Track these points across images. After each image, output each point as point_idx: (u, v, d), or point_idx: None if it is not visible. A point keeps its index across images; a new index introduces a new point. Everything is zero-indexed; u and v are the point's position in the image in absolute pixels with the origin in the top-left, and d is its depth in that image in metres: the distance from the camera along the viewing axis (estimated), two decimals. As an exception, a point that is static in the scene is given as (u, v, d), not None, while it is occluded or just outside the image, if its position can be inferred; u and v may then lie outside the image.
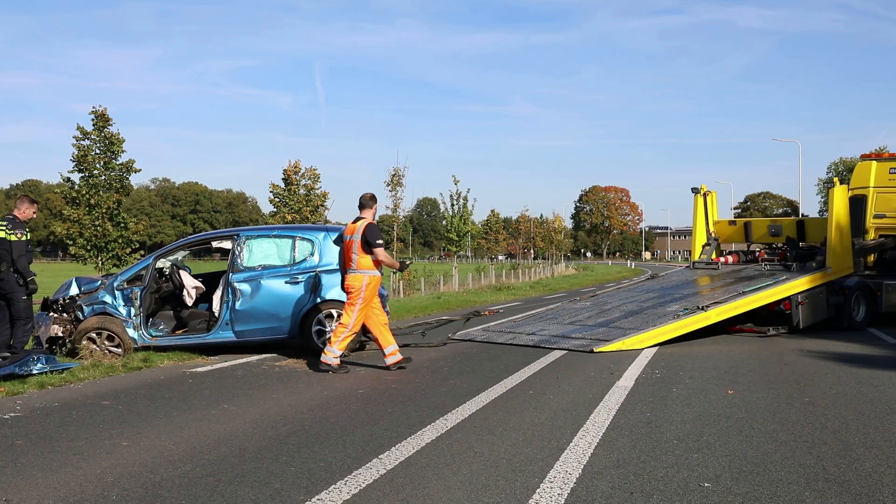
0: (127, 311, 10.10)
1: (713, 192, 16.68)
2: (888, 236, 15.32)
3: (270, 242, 10.52)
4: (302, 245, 10.46)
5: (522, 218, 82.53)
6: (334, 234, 10.54)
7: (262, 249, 10.44)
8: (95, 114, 22.41)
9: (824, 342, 11.93)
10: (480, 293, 30.85)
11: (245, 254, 10.37)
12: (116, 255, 22.60)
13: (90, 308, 10.07)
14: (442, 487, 4.50)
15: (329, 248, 10.38)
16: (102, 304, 10.09)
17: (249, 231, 10.79)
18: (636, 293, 14.69)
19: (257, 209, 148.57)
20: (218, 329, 10.20)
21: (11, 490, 4.47)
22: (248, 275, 10.22)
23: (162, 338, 10.28)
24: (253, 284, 10.18)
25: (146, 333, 10.16)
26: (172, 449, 5.38)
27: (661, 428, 5.98)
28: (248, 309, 10.12)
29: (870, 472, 4.79)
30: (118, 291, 10.14)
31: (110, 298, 10.12)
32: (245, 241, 10.46)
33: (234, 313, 10.11)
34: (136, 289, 10.18)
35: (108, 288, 10.17)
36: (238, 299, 10.12)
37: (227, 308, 10.15)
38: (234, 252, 10.39)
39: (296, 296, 10.18)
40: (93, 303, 10.09)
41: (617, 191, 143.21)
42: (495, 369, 9.07)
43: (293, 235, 10.62)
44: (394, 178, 28.81)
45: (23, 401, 7.20)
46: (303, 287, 10.19)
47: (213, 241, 11.19)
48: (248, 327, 10.16)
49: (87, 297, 10.13)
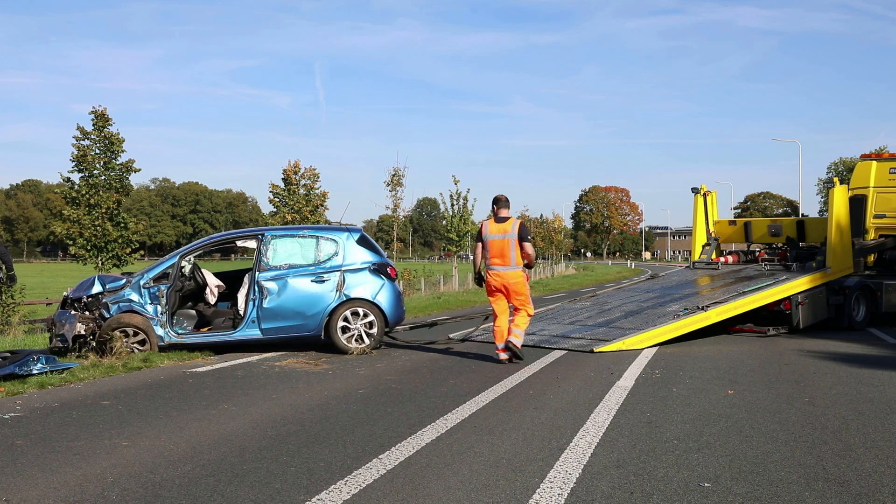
0: (153, 309, 10.17)
1: (713, 192, 16.67)
2: (888, 236, 15.32)
3: (295, 242, 10.78)
4: (326, 245, 10.78)
5: (522, 218, 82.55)
6: (356, 235, 11.05)
7: (287, 249, 10.68)
8: (95, 114, 22.44)
9: (824, 342, 11.93)
10: (480, 293, 30.81)
11: (271, 253, 10.59)
12: (116, 254, 22.64)
13: (116, 306, 10.11)
14: (442, 487, 4.50)
15: (352, 249, 10.82)
16: (128, 302, 10.14)
17: (274, 231, 11.01)
18: (636, 293, 14.68)
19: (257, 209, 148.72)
20: (244, 327, 10.39)
21: (11, 490, 4.47)
22: (274, 273, 10.47)
23: (187, 335, 10.39)
24: (280, 283, 10.44)
25: (172, 331, 10.26)
26: (172, 449, 5.38)
27: (661, 428, 5.98)
28: (276, 307, 10.37)
29: (870, 472, 4.79)
30: (144, 289, 10.20)
31: (137, 296, 10.17)
32: (270, 240, 10.67)
33: (261, 311, 10.34)
34: (163, 287, 10.25)
35: (133, 286, 10.21)
36: (266, 297, 10.36)
37: (254, 306, 10.36)
38: (259, 251, 10.59)
39: (322, 294, 10.48)
40: (118, 301, 10.12)
41: (617, 191, 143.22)
42: (495, 369, 9.07)
43: (317, 235, 10.93)
44: (394, 178, 28.85)
45: (23, 401, 7.20)
46: (328, 286, 10.52)
47: (238, 241, 11.33)
48: (274, 325, 10.38)
49: (112, 295, 10.14)
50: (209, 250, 11.64)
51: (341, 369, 9.17)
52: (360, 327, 10.59)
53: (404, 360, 10.03)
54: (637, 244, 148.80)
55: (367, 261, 10.86)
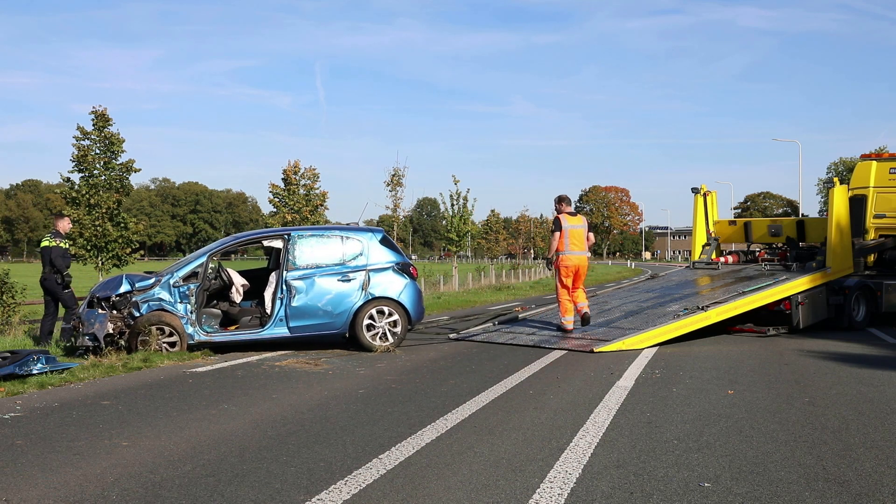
0: (183, 307, 10.27)
1: (713, 192, 16.67)
2: (888, 236, 15.32)
3: (320, 242, 11.04)
4: (350, 245, 11.06)
5: (522, 218, 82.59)
6: (379, 235, 11.38)
7: (313, 249, 10.92)
8: (95, 114, 22.40)
9: (824, 342, 11.93)
10: (480, 293, 30.82)
11: (297, 252, 10.79)
12: (116, 255, 22.59)
13: (146, 305, 10.15)
14: (442, 487, 4.50)
15: (375, 248, 11.13)
16: (159, 301, 10.20)
17: (300, 231, 11.20)
18: (636, 293, 14.69)
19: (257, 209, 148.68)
20: (272, 325, 10.56)
21: (11, 490, 4.47)
22: (302, 272, 10.68)
23: (215, 333, 10.51)
24: (308, 282, 10.67)
25: (201, 329, 10.36)
26: (172, 449, 5.39)
27: (661, 428, 5.98)
28: (304, 306, 10.58)
29: (870, 472, 4.80)
30: (174, 288, 10.27)
31: (167, 295, 10.24)
32: (297, 240, 10.87)
33: (289, 310, 10.53)
34: (192, 286, 10.34)
35: (163, 285, 10.27)
36: (294, 296, 10.56)
37: (283, 304, 10.54)
38: (286, 250, 10.76)
39: (348, 293, 10.75)
40: (148, 300, 10.17)
41: (617, 191, 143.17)
42: (495, 369, 9.07)
43: (342, 235, 11.19)
44: (394, 178, 28.79)
45: (23, 401, 7.20)
46: (354, 285, 10.80)
47: (264, 240, 11.42)
48: (302, 323, 10.59)
49: (141, 294, 10.17)
50: (235, 249, 11.80)
51: (341, 369, 9.17)
52: (384, 326, 10.88)
53: (404, 360, 10.04)
54: (637, 244, 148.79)
55: (391, 260, 11.17)
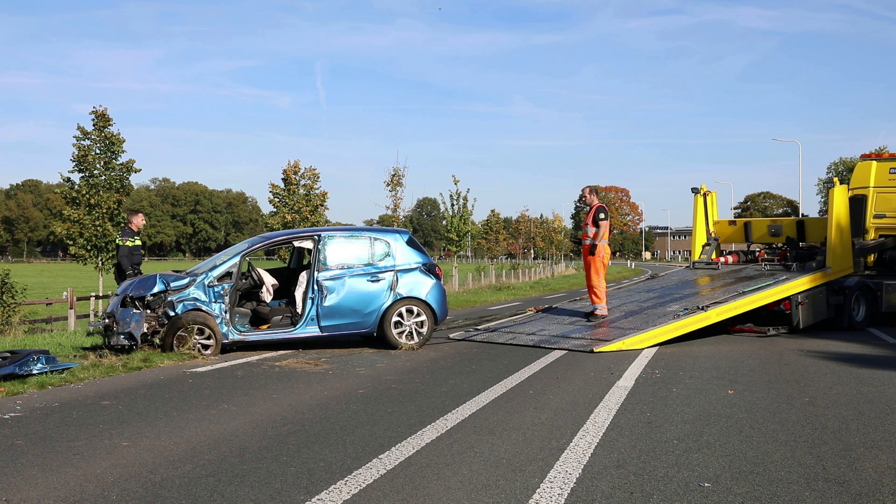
0: (218, 307, 10.35)
1: (713, 192, 16.67)
2: (888, 236, 15.33)
3: (349, 243, 11.26)
4: (378, 246, 11.32)
5: (522, 218, 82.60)
6: (405, 236, 11.62)
7: (343, 249, 11.12)
8: (96, 114, 22.39)
9: (824, 342, 11.94)
10: (480, 293, 30.84)
11: (328, 253, 10.99)
12: (116, 255, 22.57)
13: (182, 304, 10.20)
14: (442, 487, 4.50)
15: (402, 249, 11.38)
16: (194, 301, 10.27)
17: (330, 231, 11.41)
18: (636, 293, 14.69)
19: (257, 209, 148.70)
20: (304, 324, 10.74)
21: (11, 490, 4.47)
22: (333, 273, 10.90)
23: (248, 333, 10.63)
24: (339, 282, 10.89)
25: (234, 329, 10.46)
26: (172, 449, 5.39)
27: (661, 428, 5.98)
28: (335, 305, 10.80)
29: (870, 472, 4.80)
30: (209, 288, 10.35)
31: (202, 295, 10.31)
32: (327, 241, 11.05)
33: (321, 309, 10.73)
34: (226, 286, 10.44)
35: (198, 285, 10.34)
36: (325, 296, 10.76)
37: (314, 304, 10.73)
38: (316, 251, 10.94)
39: (377, 293, 11.01)
40: (183, 299, 10.23)
41: (617, 191, 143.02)
42: (495, 369, 9.07)
43: (370, 236, 11.46)
44: (394, 178, 28.74)
45: (23, 401, 7.20)
46: (383, 285, 11.06)
47: (295, 241, 11.50)
48: (333, 322, 10.81)
49: (176, 294, 10.23)
50: (267, 249, 11.94)
51: (341, 369, 9.17)
52: (412, 325, 11.14)
53: (404, 359, 10.04)
54: (637, 244, 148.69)
55: (418, 261, 11.46)
